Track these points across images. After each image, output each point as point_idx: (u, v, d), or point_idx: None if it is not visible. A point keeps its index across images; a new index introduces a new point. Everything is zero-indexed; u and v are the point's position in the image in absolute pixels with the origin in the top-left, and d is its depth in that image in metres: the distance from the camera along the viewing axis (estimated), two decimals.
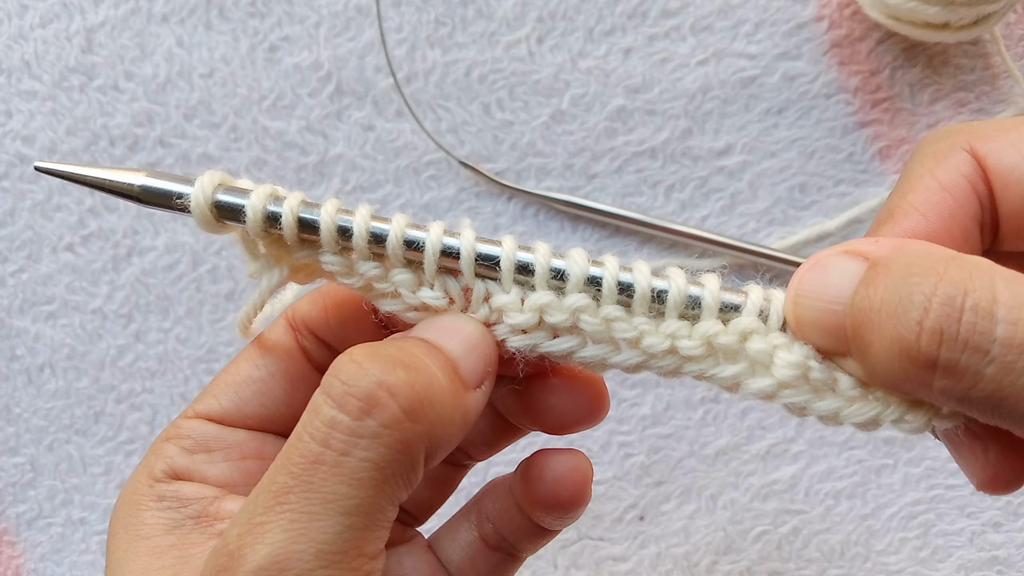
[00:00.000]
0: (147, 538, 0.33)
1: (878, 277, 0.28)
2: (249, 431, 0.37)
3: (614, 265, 0.32)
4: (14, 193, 0.63)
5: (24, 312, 0.63)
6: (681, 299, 0.31)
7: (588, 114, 0.62)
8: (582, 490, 0.37)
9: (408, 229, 0.32)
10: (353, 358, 0.29)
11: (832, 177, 0.62)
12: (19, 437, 0.63)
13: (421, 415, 0.29)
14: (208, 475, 0.35)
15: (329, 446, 0.28)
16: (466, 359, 0.31)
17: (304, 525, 0.28)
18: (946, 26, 0.57)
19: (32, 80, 0.62)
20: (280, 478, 0.28)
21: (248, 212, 0.32)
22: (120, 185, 0.33)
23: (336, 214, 0.32)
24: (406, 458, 0.29)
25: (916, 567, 0.61)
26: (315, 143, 0.62)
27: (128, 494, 0.35)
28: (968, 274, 0.26)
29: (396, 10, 0.62)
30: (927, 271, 0.26)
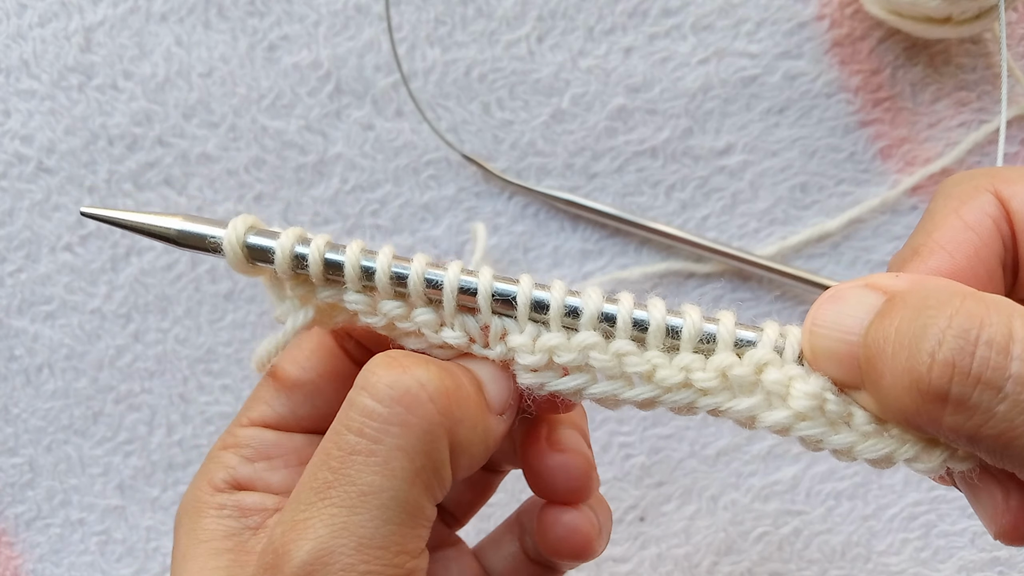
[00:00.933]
0: (206, 542, 0.34)
1: (894, 309, 0.27)
2: (305, 435, 0.38)
3: (628, 302, 0.33)
4: (12, 193, 0.62)
5: (23, 312, 0.63)
6: (696, 332, 0.32)
7: (588, 113, 0.62)
8: (587, 549, 0.38)
9: (429, 269, 0.33)
10: (389, 355, 0.31)
11: (833, 176, 0.62)
12: (18, 437, 0.63)
13: (448, 411, 0.30)
14: (271, 482, 0.36)
15: (363, 435, 0.29)
16: (492, 385, 0.33)
17: (345, 519, 0.29)
18: (948, 20, 0.56)
19: (31, 79, 0.62)
20: (321, 474, 0.30)
21: (277, 253, 0.34)
22: (159, 229, 0.35)
23: (360, 254, 0.33)
24: (432, 448, 0.30)
25: (917, 568, 0.61)
26: (314, 142, 0.62)
27: (190, 502, 0.36)
28: (985, 309, 0.26)
29: (396, 9, 0.62)
30: (943, 304, 0.26)
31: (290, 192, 0.62)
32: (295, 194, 0.62)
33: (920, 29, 0.58)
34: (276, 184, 0.62)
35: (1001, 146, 0.43)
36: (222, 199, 0.62)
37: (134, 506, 0.63)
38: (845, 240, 0.62)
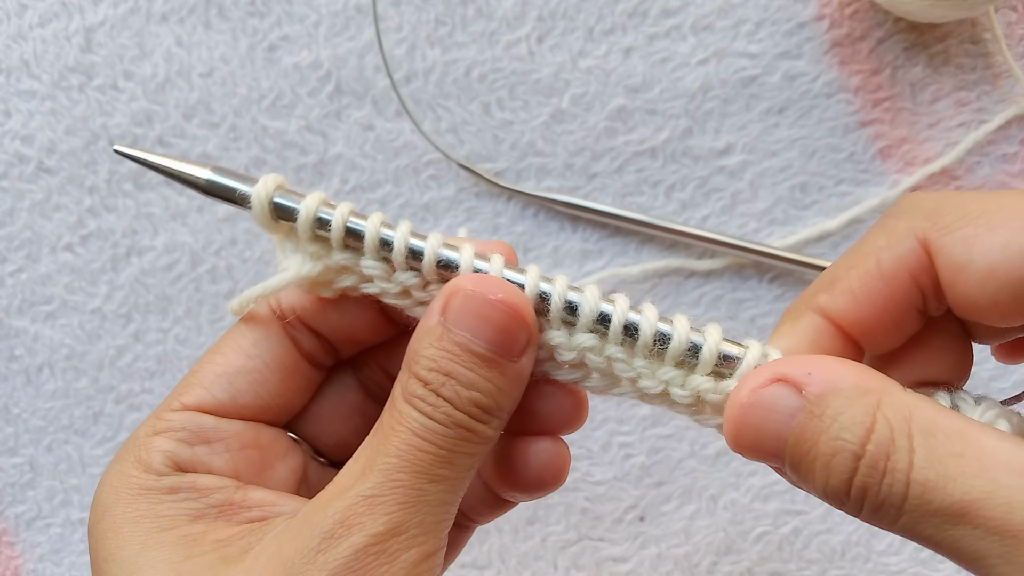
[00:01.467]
0: (170, 529, 0.33)
1: (811, 424, 0.30)
2: (244, 422, 0.37)
3: (623, 307, 0.34)
4: (13, 193, 0.62)
5: (23, 312, 0.63)
6: (681, 349, 0.34)
7: (588, 114, 0.62)
8: (562, 475, 0.40)
9: (442, 249, 0.35)
10: (427, 386, 0.33)
11: (833, 177, 0.62)
12: (18, 437, 0.63)
13: (489, 417, 0.34)
14: (212, 466, 0.36)
15: (431, 440, 0.33)
16: (504, 342, 0.33)
17: (415, 500, 0.32)
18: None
19: (31, 79, 0.62)
20: (387, 459, 0.32)
21: (300, 212, 0.35)
22: (190, 176, 0.36)
23: (380, 226, 0.35)
24: (489, 443, 0.34)
25: (917, 567, 0.61)
26: (314, 143, 0.62)
27: (124, 489, 0.34)
28: (891, 432, 0.29)
29: (396, 9, 0.62)
30: (857, 426, 0.29)
31: None
32: None
33: (924, 8, 0.57)
34: None
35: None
36: None
37: None
38: (845, 240, 0.62)
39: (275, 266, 0.37)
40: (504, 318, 0.33)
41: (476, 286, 0.33)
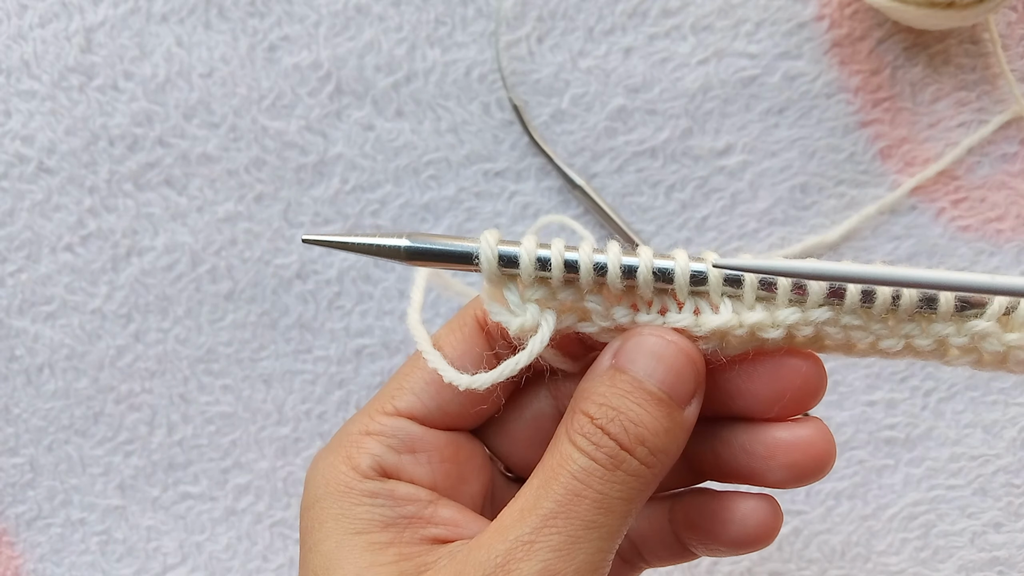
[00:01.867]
0: (363, 533, 0.35)
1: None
2: (447, 433, 0.38)
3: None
4: (13, 193, 0.62)
5: (23, 312, 0.63)
6: (914, 304, 0.34)
7: (588, 114, 0.62)
8: (774, 533, 0.40)
9: (656, 260, 0.35)
10: (594, 422, 0.33)
11: (833, 177, 0.62)
12: (18, 437, 0.63)
13: (654, 461, 0.33)
14: (414, 475, 0.37)
15: (590, 486, 0.33)
16: (676, 384, 0.34)
17: (570, 547, 0.32)
18: (951, 4, 0.56)
19: (31, 80, 0.62)
20: (546, 504, 0.33)
21: (523, 256, 0.35)
22: (388, 248, 0.35)
23: (592, 253, 0.35)
24: (647, 492, 0.34)
25: (917, 568, 0.61)
26: (315, 143, 0.62)
27: (333, 484, 0.36)
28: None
29: (396, 9, 0.62)
30: None
31: (290, 192, 0.62)
32: (295, 194, 0.62)
33: (922, 17, 0.57)
34: (276, 184, 0.62)
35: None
36: (222, 199, 0.62)
37: (135, 506, 0.63)
38: (845, 241, 0.62)
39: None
40: (678, 359, 0.34)
41: (652, 331, 0.34)
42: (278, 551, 0.63)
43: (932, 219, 0.62)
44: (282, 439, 0.63)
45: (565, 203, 0.62)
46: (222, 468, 0.63)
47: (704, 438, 0.40)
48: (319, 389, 0.62)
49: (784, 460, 0.37)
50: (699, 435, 0.40)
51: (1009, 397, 0.62)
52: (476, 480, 0.39)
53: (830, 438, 0.38)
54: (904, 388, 0.62)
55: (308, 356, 0.62)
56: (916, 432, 0.62)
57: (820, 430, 0.37)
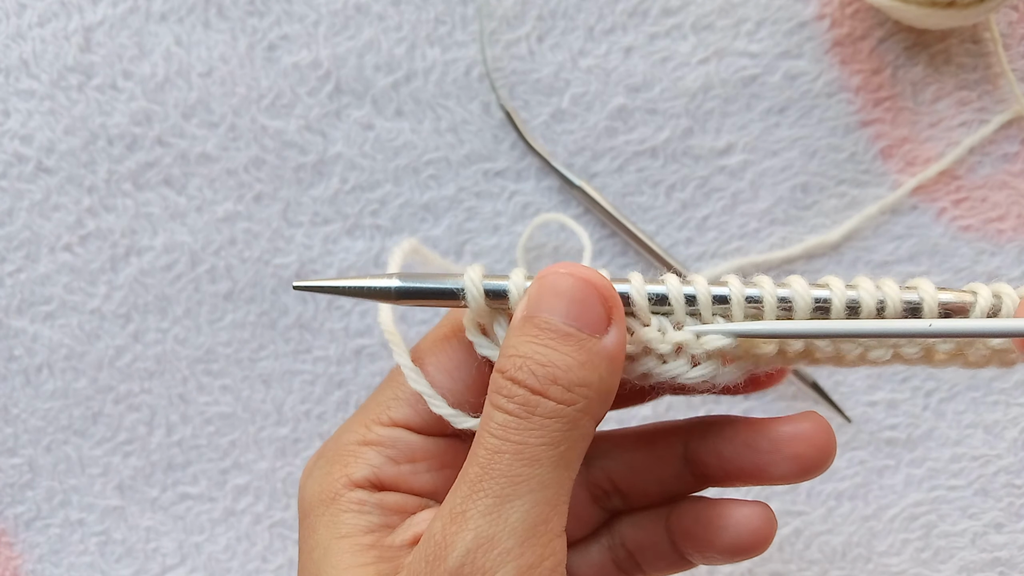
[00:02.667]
0: (347, 536, 0.36)
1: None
2: (445, 439, 0.38)
3: (840, 291, 0.34)
4: (12, 193, 0.62)
5: (22, 312, 0.63)
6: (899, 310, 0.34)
7: (589, 113, 0.62)
8: (768, 540, 0.40)
9: (649, 286, 0.35)
10: (505, 375, 0.33)
11: (834, 177, 0.62)
12: (17, 438, 0.63)
13: (573, 397, 0.32)
14: (414, 485, 0.37)
15: (508, 439, 0.32)
16: (581, 314, 0.33)
17: (499, 509, 0.31)
18: (952, 4, 0.56)
19: (30, 79, 0.62)
20: (472, 470, 0.32)
21: (511, 292, 0.34)
22: (378, 289, 0.35)
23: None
24: (577, 429, 0.33)
25: (918, 568, 0.61)
26: (314, 142, 0.62)
27: (326, 492, 0.37)
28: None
29: (396, 8, 0.62)
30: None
31: (290, 192, 0.62)
32: (295, 194, 0.62)
33: (923, 16, 0.57)
34: (276, 184, 0.62)
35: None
36: (222, 199, 0.62)
37: (133, 506, 0.63)
38: (846, 240, 0.61)
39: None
40: (579, 289, 0.33)
41: (551, 269, 0.34)
42: (277, 552, 0.63)
43: (933, 219, 0.62)
44: (281, 439, 0.63)
45: (565, 203, 0.62)
46: (221, 469, 0.63)
47: (706, 438, 0.40)
48: (318, 389, 0.62)
49: (789, 452, 0.38)
50: (701, 436, 0.40)
51: (1010, 397, 0.61)
52: None
53: (829, 429, 0.38)
54: (905, 388, 0.62)
55: (307, 356, 0.62)
56: (917, 432, 0.61)
57: (820, 422, 0.38)
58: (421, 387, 0.36)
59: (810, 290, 0.34)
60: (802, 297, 0.34)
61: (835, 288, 0.34)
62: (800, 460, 0.38)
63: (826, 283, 0.34)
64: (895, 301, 0.34)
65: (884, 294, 0.34)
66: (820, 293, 0.34)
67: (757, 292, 0.34)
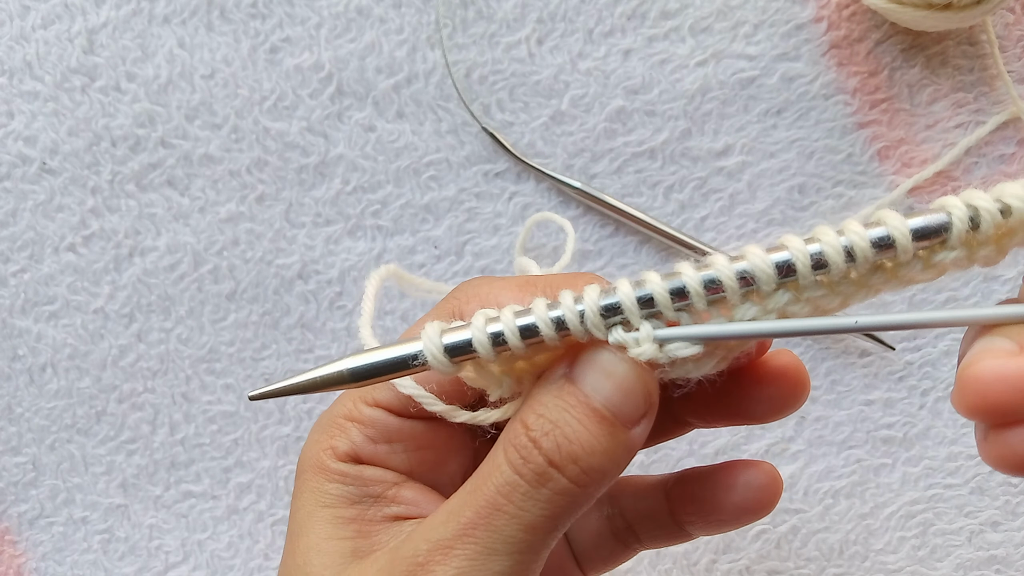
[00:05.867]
0: (330, 506, 0.37)
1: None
2: (423, 421, 0.39)
3: (801, 248, 0.31)
4: (16, 193, 0.63)
5: (26, 312, 0.63)
6: (869, 257, 0.31)
7: (588, 115, 0.62)
8: (773, 502, 0.41)
9: (602, 298, 0.32)
10: (529, 432, 0.33)
11: (831, 178, 0.62)
12: (21, 437, 0.63)
13: (587, 480, 0.32)
14: (389, 463, 0.39)
15: (511, 501, 0.32)
16: (623, 403, 0.33)
17: (485, 559, 0.32)
18: (949, 6, 0.56)
19: (34, 81, 0.63)
20: (468, 512, 0.33)
21: (476, 345, 0.33)
22: (331, 378, 0.34)
23: (547, 313, 0.32)
24: (576, 510, 0.33)
25: (915, 566, 0.61)
26: (316, 144, 0.62)
27: (315, 459, 0.38)
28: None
29: (397, 11, 0.62)
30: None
31: (292, 193, 0.62)
32: (297, 195, 0.62)
33: (920, 18, 0.57)
34: (278, 185, 0.62)
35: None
36: (224, 200, 0.62)
37: (137, 504, 0.63)
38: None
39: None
40: (629, 379, 0.32)
41: (609, 348, 0.33)
42: (279, 550, 0.63)
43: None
44: (284, 438, 0.63)
45: (565, 203, 0.62)
46: (224, 467, 0.63)
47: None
48: None
49: (769, 391, 0.39)
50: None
51: None
52: (454, 460, 0.40)
53: (801, 366, 0.39)
54: (902, 387, 0.62)
55: (310, 356, 0.63)
56: (914, 431, 0.62)
57: (792, 361, 0.39)
58: (412, 391, 0.36)
59: (768, 257, 0.30)
60: (762, 270, 0.30)
61: (794, 247, 0.30)
62: (776, 399, 0.39)
63: (783, 243, 0.31)
64: (863, 244, 0.30)
65: (849, 240, 0.30)
66: (779, 257, 0.30)
67: (713, 274, 0.31)
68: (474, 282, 0.39)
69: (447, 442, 0.40)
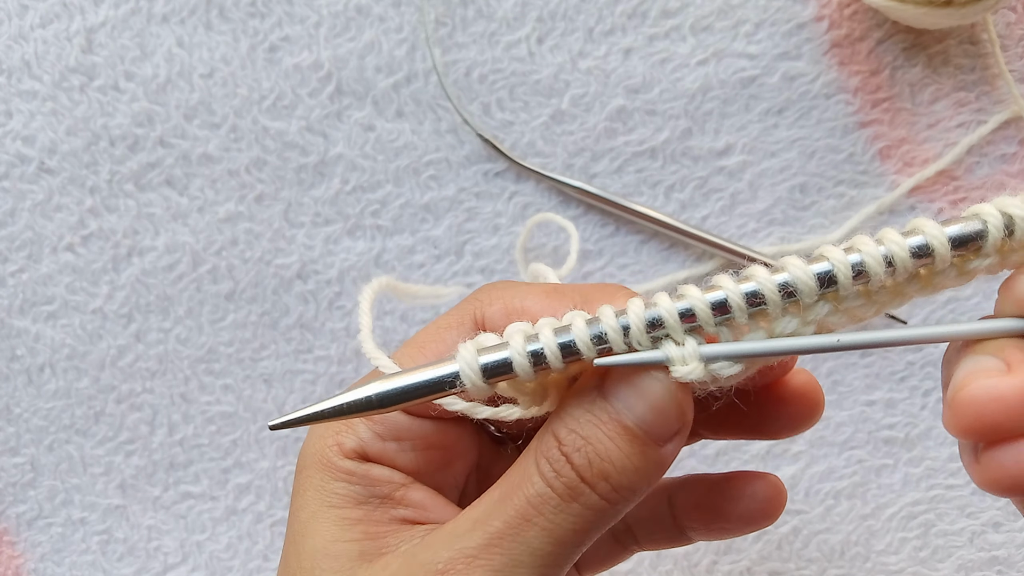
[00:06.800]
0: (336, 507, 0.37)
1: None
2: (433, 421, 0.39)
3: (843, 258, 0.31)
4: (14, 193, 0.63)
5: (24, 312, 0.63)
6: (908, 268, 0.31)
7: (588, 114, 0.62)
8: (777, 512, 0.41)
9: (648, 311, 0.32)
10: (561, 447, 0.33)
11: (832, 178, 0.62)
12: (19, 437, 0.63)
13: (617, 498, 0.33)
14: (396, 462, 0.38)
15: (542, 513, 0.32)
16: (655, 422, 0.32)
17: (510, 571, 0.32)
18: (949, 3, 0.56)
19: (32, 80, 0.62)
20: (495, 523, 0.33)
21: (517, 368, 0.31)
22: (360, 403, 0.33)
23: (587, 330, 0.31)
24: (604, 526, 0.33)
25: (916, 567, 0.61)
26: (315, 143, 0.62)
27: (319, 456, 0.37)
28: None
29: (396, 10, 0.62)
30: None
31: (291, 192, 0.62)
32: (296, 194, 0.62)
33: (920, 16, 0.57)
34: (277, 184, 0.62)
35: None
36: (223, 199, 0.62)
37: (135, 505, 0.63)
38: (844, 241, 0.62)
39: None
40: (663, 398, 0.32)
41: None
42: (279, 551, 0.63)
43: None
44: (283, 439, 0.63)
45: (565, 203, 0.62)
46: (223, 468, 0.63)
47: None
48: (320, 389, 0.63)
49: (786, 410, 0.40)
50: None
51: None
52: (459, 462, 0.40)
53: (817, 385, 0.40)
54: (903, 388, 0.62)
55: (309, 356, 0.63)
56: (915, 432, 0.62)
57: (809, 381, 0.40)
58: (461, 406, 0.35)
59: (810, 268, 0.31)
60: (804, 282, 0.31)
61: (835, 258, 0.31)
62: (794, 417, 0.39)
63: (822, 254, 0.31)
64: (903, 253, 0.30)
65: (888, 249, 0.30)
66: (820, 267, 0.31)
67: (755, 287, 0.31)
68: (497, 285, 0.39)
69: (455, 443, 0.40)
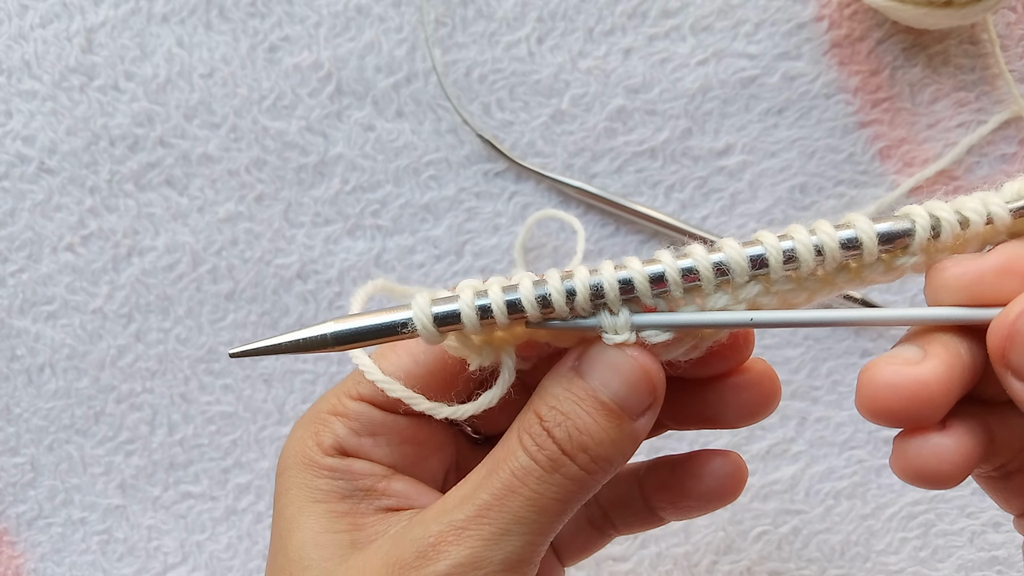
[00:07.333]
0: (322, 502, 0.38)
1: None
2: (406, 417, 0.40)
3: (775, 244, 0.33)
4: (14, 193, 0.63)
5: (24, 312, 0.63)
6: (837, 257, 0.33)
7: (588, 114, 0.62)
8: (738, 489, 0.43)
9: (591, 277, 0.34)
10: (543, 423, 0.35)
11: (832, 178, 0.62)
12: (19, 437, 0.63)
13: (595, 468, 0.35)
14: (373, 456, 0.39)
15: (526, 484, 0.34)
16: (629, 397, 0.35)
17: (498, 539, 0.34)
18: (949, 4, 0.56)
19: (32, 80, 0.62)
20: (482, 496, 0.35)
21: (464, 317, 0.34)
22: (314, 340, 0.35)
23: (534, 289, 0.34)
24: (584, 496, 0.35)
25: (916, 567, 0.61)
26: (315, 143, 0.62)
27: (300, 454, 0.39)
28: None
29: (396, 10, 0.62)
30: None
31: (291, 192, 0.62)
32: (296, 194, 0.62)
33: (920, 16, 0.57)
34: (277, 184, 0.62)
35: None
36: (223, 199, 0.62)
37: (135, 505, 0.63)
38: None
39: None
40: (635, 373, 0.34)
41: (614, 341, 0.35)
42: None
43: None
44: (282, 439, 0.63)
45: (565, 203, 0.62)
46: (223, 468, 0.63)
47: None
48: (319, 388, 0.63)
49: (742, 397, 0.41)
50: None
51: None
52: (436, 457, 0.41)
53: (773, 374, 0.41)
54: None
55: (308, 356, 0.63)
56: None
57: (764, 369, 0.40)
58: (400, 392, 0.37)
59: (743, 250, 0.33)
60: (737, 262, 0.33)
61: (767, 242, 0.33)
62: (747, 407, 0.40)
63: (757, 239, 0.33)
64: (832, 244, 0.33)
65: (819, 239, 0.33)
66: (753, 251, 0.33)
67: (691, 263, 0.33)
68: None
69: (430, 438, 0.41)
